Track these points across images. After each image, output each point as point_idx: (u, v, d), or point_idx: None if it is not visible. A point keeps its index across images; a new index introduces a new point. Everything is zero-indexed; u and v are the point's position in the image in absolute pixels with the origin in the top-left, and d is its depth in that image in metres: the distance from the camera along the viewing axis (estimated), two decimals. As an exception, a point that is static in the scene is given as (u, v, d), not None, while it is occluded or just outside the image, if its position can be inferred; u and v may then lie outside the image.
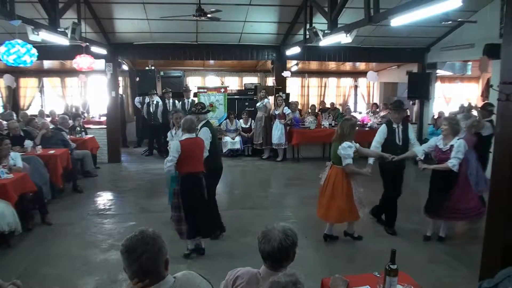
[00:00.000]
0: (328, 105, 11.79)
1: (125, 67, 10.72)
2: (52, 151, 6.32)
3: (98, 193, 6.81)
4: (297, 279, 1.56)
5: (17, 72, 10.37)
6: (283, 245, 1.89)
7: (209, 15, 6.17)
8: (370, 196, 5.08)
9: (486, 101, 6.48)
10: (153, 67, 10.88)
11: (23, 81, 11.88)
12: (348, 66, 12.74)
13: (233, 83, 12.75)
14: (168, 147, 4.96)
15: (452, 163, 4.22)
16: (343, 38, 5.58)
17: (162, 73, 11.38)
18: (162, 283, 1.63)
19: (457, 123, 4.34)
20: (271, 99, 9.72)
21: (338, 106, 12.22)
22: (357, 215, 4.52)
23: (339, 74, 13.68)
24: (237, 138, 9.79)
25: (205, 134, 4.54)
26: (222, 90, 9.86)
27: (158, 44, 8.78)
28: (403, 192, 5.10)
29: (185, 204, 4.18)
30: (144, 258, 1.58)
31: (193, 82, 12.32)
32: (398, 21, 4.41)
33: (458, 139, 4.29)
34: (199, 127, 4.56)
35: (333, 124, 9.56)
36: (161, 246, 1.64)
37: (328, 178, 4.51)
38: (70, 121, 8.27)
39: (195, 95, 9.91)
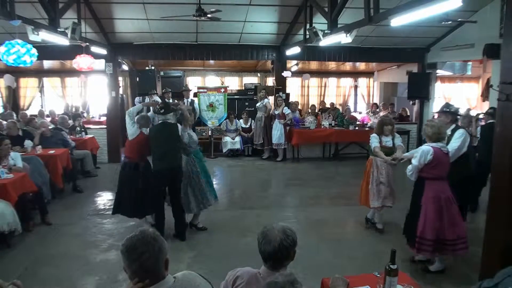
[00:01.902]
0: (328, 105, 11.80)
1: (125, 67, 10.72)
2: (52, 151, 6.32)
3: (98, 193, 6.80)
4: (295, 279, 1.56)
5: (17, 72, 10.37)
6: (284, 245, 1.90)
7: (209, 15, 6.17)
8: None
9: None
10: (153, 67, 10.88)
11: (23, 81, 11.90)
12: (348, 66, 12.75)
13: (233, 83, 12.76)
14: None
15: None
16: (343, 38, 5.58)
17: (162, 73, 11.38)
18: (162, 283, 1.64)
19: (431, 126, 3.78)
20: (271, 99, 9.73)
21: (338, 106, 12.23)
22: (368, 204, 4.98)
23: (339, 74, 13.70)
24: (237, 138, 9.79)
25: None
26: (222, 90, 9.85)
27: (158, 44, 8.78)
28: (403, 193, 5.06)
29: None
30: (145, 258, 1.58)
31: (193, 82, 12.33)
32: (398, 21, 4.41)
33: (425, 145, 3.79)
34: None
35: (333, 124, 9.57)
36: (161, 246, 1.64)
37: None
38: (70, 121, 8.27)
39: (195, 95, 9.91)
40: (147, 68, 10.84)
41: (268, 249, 1.90)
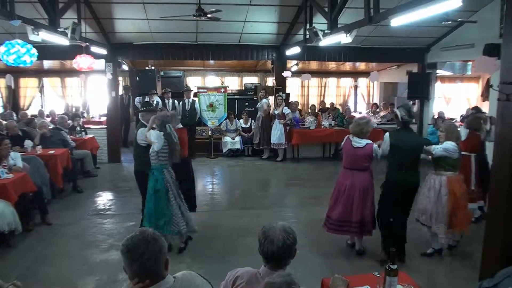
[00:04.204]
0: (328, 105, 11.79)
1: (125, 67, 10.72)
2: (52, 151, 6.32)
3: (98, 193, 6.80)
4: (292, 280, 1.55)
5: (17, 72, 10.35)
6: (287, 244, 1.91)
7: (209, 15, 6.17)
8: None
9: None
10: (153, 67, 10.88)
11: (23, 81, 11.90)
12: (348, 66, 12.74)
13: (233, 83, 12.76)
14: None
15: None
16: (343, 38, 5.58)
17: (162, 73, 11.37)
18: (162, 283, 1.64)
19: (356, 124, 4.26)
20: (271, 99, 9.73)
21: (338, 106, 12.22)
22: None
23: (339, 74, 13.69)
24: (237, 138, 9.79)
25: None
26: (222, 90, 9.85)
27: (158, 44, 8.78)
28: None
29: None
30: (145, 258, 1.58)
31: (193, 82, 12.33)
32: (398, 21, 4.41)
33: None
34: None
35: (333, 124, 9.57)
36: (162, 246, 1.65)
37: None
38: (69, 121, 8.27)
39: (195, 95, 9.91)
40: (147, 68, 10.84)
41: (272, 248, 1.90)
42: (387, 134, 4.16)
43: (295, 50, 8.25)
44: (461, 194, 4.12)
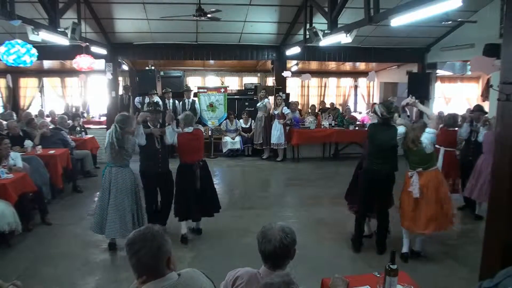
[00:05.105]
0: (328, 105, 11.80)
1: (125, 67, 10.72)
2: (52, 151, 6.32)
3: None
4: (291, 280, 1.55)
5: (17, 72, 10.37)
6: (284, 243, 1.90)
7: (209, 15, 6.18)
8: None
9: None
10: (153, 67, 10.87)
11: (23, 81, 11.90)
12: (348, 66, 12.74)
13: (233, 83, 12.76)
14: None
15: None
16: (343, 38, 5.59)
17: (162, 73, 11.37)
18: (163, 280, 1.64)
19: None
20: (271, 99, 9.73)
21: (338, 106, 12.23)
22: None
23: (339, 74, 13.69)
24: (237, 138, 9.79)
25: None
26: (222, 90, 9.86)
27: (158, 44, 8.79)
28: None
29: (178, 188, 4.73)
30: (141, 254, 1.60)
31: (193, 82, 12.33)
32: (398, 21, 4.42)
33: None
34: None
35: (333, 124, 9.57)
36: (162, 244, 1.65)
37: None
38: (69, 121, 8.27)
39: (195, 95, 9.92)
40: (147, 68, 10.83)
41: (268, 248, 1.90)
42: (368, 125, 4.41)
43: (295, 50, 8.25)
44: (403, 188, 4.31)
